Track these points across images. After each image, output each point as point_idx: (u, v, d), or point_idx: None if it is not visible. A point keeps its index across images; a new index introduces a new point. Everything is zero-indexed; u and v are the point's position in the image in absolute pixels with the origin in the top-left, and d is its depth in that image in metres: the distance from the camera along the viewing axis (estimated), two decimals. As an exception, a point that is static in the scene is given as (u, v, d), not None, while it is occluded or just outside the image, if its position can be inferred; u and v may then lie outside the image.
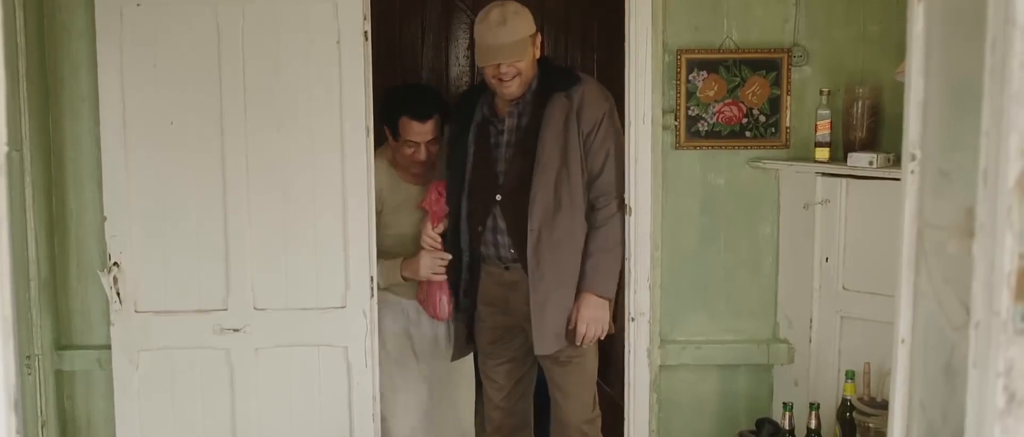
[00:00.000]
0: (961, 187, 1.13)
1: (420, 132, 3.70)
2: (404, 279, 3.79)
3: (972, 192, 1.06)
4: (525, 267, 3.50)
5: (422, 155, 3.74)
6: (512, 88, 3.45)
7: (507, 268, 3.60)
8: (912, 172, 1.29)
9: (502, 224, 3.56)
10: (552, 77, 3.54)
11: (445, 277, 3.70)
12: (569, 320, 3.52)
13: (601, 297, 3.52)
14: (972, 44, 1.10)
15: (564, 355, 3.58)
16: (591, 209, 3.54)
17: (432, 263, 3.68)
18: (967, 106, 1.14)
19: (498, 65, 3.41)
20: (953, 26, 1.23)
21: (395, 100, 3.80)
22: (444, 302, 3.74)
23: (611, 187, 3.54)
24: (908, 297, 1.31)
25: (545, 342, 3.52)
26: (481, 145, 3.61)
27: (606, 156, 3.51)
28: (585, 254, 3.52)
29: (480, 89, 3.70)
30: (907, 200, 1.30)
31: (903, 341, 1.32)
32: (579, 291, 3.51)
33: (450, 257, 3.67)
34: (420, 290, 3.83)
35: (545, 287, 3.48)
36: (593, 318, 3.49)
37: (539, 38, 3.51)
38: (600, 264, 3.53)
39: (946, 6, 1.26)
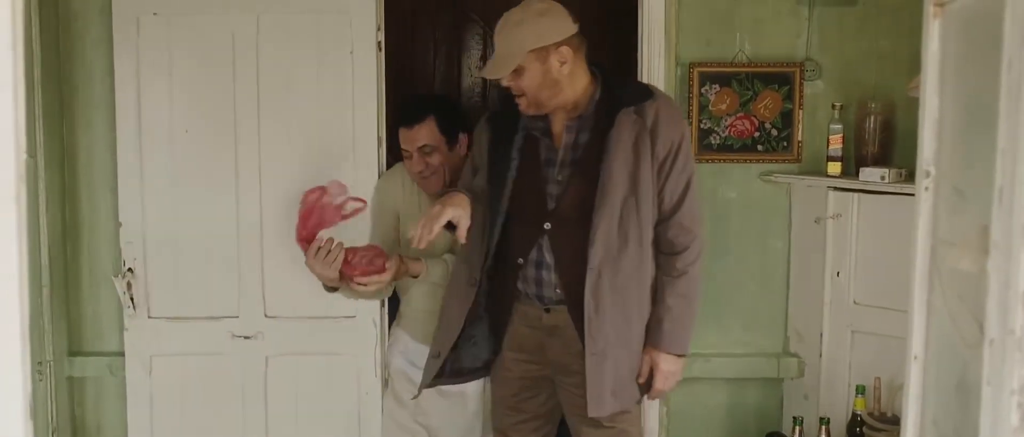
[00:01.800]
0: (976, 205, 1.13)
1: (409, 138, 3.28)
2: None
3: (987, 210, 1.07)
4: (572, 311, 2.94)
5: (417, 164, 3.29)
6: (523, 105, 2.91)
7: (548, 310, 2.98)
8: (926, 189, 1.29)
9: (549, 258, 2.94)
10: (619, 89, 2.95)
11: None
12: (632, 376, 3.01)
13: (680, 356, 3.01)
14: (988, 63, 1.10)
15: (611, 419, 3.01)
16: (664, 249, 2.98)
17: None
18: (982, 124, 1.14)
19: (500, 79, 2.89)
20: (969, 45, 1.23)
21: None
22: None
23: (693, 223, 2.96)
24: (921, 314, 1.31)
25: (602, 403, 2.94)
26: (527, 161, 3.00)
27: (686, 186, 2.94)
28: (662, 304, 2.97)
29: None
30: (921, 217, 1.30)
31: (916, 358, 1.32)
32: (654, 347, 2.97)
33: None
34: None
35: (605, 338, 2.90)
36: (672, 373, 3.00)
37: (564, 53, 2.84)
38: (682, 318, 2.97)
39: (962, 26, 1.26)
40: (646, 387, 3.02)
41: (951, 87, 1.29)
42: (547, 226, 2.93)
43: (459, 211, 2.87)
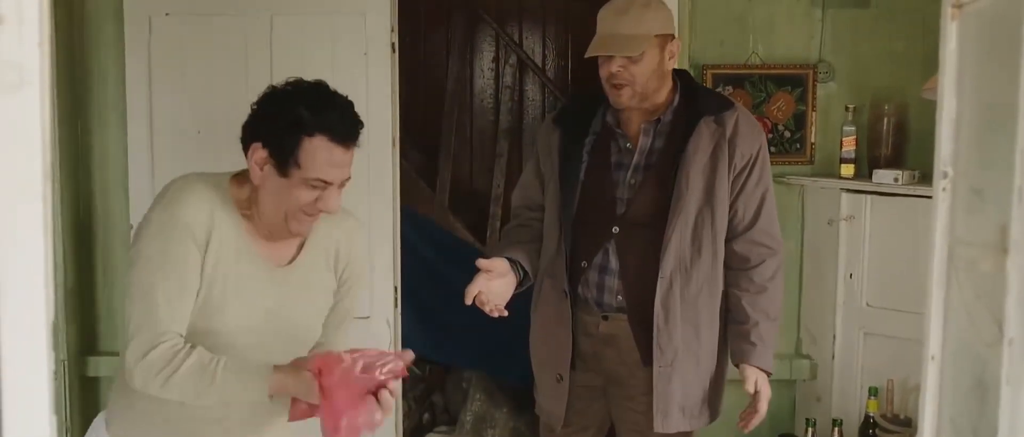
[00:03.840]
0: (995, 205, 1.13)
1: (341, 164, 2.25)
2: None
3: (1006, 210, 1.07)
4: (631, 320, 2.85)
5: (333, 204, 2.25)
6: (622, 97, 2.78)
7: (606, 317, 2.87)
8: (944, 189, 1.29)
9: (614, 263, 2.83)
10: (700, 97, 2.88)
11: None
12: (702, 394, 2.91)
13: (768, 374, 2.87)
14: (1006, 65, 1.11)
15: None
16: (735, 265, 2.86)
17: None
18: (1002, 124, 1.15)
19: (609, 63, 2.76)
20: (988, 44, 1.23)
21: (287, 104, 2.28)
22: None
23: (771, 239, 2.85)
24: (938, 314, 1.31)
25: (669, 417, 2.84)
26: (597, 162, 2.89)
27: (763, 199, 2.84)
28: (747, 320, 2.83)
29: (600, 96, 2.92)
30: (938, 217, 1.30)
31: (933, 358, 1.32)
32: (748, 362, 2.83)
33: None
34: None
35: (674, 349, 2.81)
36: (768, 394, 2.86)
37: (674, 46, 2.83)
38: (766, 335, 2.83)
39: (980, 27, 1.26)
40: (747, 414, 2.88)
41: (969, 88, 1.29)
42: (615, 230, 2.84)
43: (491, 283, 2.75)
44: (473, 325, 4.67)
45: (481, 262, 2.73)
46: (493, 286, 2.74)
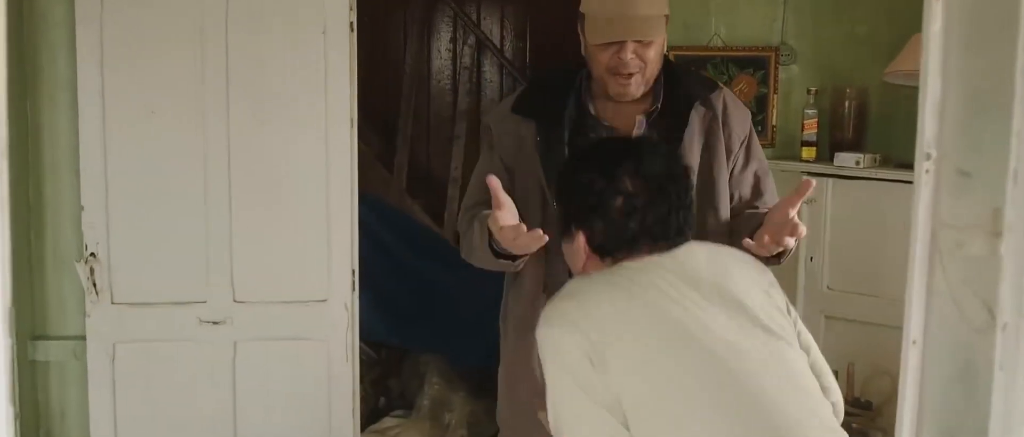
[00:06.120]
0: (985, 187, 1.12)
1: None
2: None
3: (998, 192, 1.05)
4: None
5: None
6: (631, 87, 2.50)
7: None
8: (927, 172, 1.27)
9: None
10: (685, 81, 2.63)
11: None
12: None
13: None
14: (998, 43, 1.09)
15: None
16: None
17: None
18: (990, 105, 1.13)
19: (622, 50, 2.45)
20: (976, 25, 1.21)
21: None
22: None
23: None
24: (920, 298, 1.29)
25: None
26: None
27: (762, 176, 2.68)
28: (757, 209, 2.58)
29: (563, 77, 2.68)
30: (921, 200, 1.28)
31: (915, 343, 1.30)
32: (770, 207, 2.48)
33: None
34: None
35: None
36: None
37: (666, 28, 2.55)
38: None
39: (967, 5, 1.24)
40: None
41: (954, 70, 1.27)
42: None
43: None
44: (430, 309, 4.67)
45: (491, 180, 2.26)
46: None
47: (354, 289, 3.63)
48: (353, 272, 3.61)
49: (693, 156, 2.53)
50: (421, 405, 4.50)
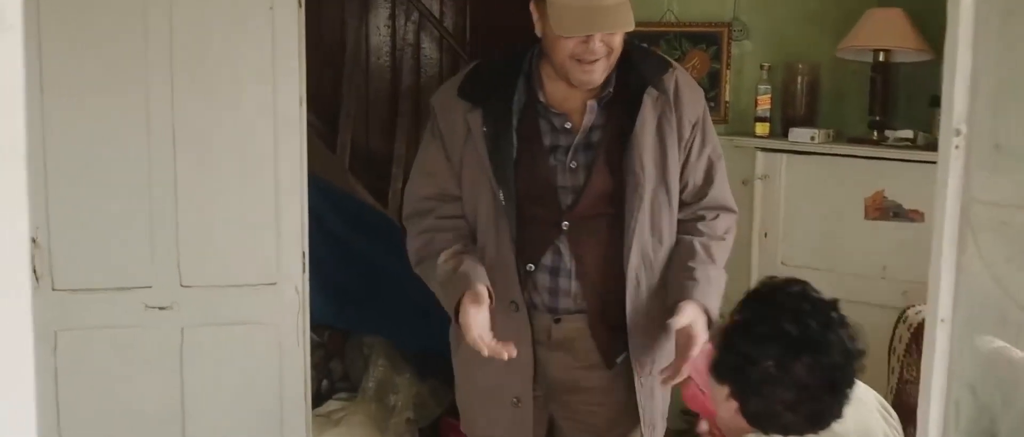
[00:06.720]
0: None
1: None
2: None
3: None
4: (590, 320, 2.53)
5: None
6: (595, 74, 2.40)
7: (557, 320, 2.54)
8: (957, 147, 1.25)
9: (568, 263, 2.48)
10: (638, 62, 2.51)
11: None
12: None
13: (710, 318, 2.46)
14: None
15: None
16: (690, 217, 2.57)
17: None
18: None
19: (589, 39, 2.35)
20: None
21: None
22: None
23: (726, 202, 2.60)
24: (949, 276, 1.28)
25: (655, 429, 2.62)
26: (529, 147, 2.49)
27: (715, 161, 2.58)
28: (691, 257, 2.50)
29: (511, 59, 2.59)
30: (950, 176, 1.26)
31: (943, 321, 1.28)
32: (680, 300, 2.42)
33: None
34: None
35: (652, 357, 2.54)
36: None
37: None
38: (713, 277, 2.51)
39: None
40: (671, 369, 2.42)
41: (983, 43, 1.25)
42: (565, 225, 2.47)
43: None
44: (375, 291, 4.60)
45: (477, 308, 2.34)
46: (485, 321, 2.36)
47: (305, 271, 3.55)
48: (303, 254, 3.53)
49: (647, 144, 2.45)
50: (366, 387, 4.44)
